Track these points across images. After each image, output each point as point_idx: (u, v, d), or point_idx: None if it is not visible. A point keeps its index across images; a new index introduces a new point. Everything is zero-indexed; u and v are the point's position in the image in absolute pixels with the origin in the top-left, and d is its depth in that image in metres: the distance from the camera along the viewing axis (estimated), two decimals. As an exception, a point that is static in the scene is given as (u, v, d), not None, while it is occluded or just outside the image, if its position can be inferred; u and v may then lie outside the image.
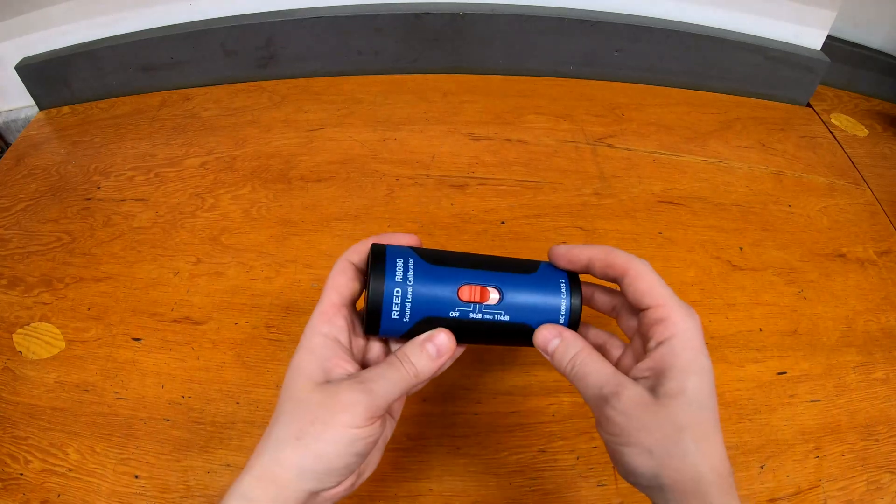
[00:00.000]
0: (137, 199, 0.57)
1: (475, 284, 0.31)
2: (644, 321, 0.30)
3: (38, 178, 0.60)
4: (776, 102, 0.73)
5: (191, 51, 0.67)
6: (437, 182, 0.58)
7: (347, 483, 0.28)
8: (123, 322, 0.47)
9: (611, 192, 0.58)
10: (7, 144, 0.71)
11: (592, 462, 0.40)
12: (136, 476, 0.39)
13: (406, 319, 0.30)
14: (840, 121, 0.72)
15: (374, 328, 0.30)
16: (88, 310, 0.48)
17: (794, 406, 0.44)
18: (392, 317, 0.29)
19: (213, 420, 0.41)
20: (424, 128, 0.65)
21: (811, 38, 0.70)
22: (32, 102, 0.69)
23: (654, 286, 0.30)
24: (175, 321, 0.47)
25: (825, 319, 0.50)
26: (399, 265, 0.30)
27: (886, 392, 0.45)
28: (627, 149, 0.63)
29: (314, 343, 0.29)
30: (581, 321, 0.33)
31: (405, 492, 0.39)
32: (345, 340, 0.30)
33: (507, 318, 0.31)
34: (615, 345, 0.34)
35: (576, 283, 0.32)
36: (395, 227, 0.54)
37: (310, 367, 0.28)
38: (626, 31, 0.68)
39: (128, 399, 0.42)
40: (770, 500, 0.39)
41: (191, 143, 0.63)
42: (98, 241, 0.53)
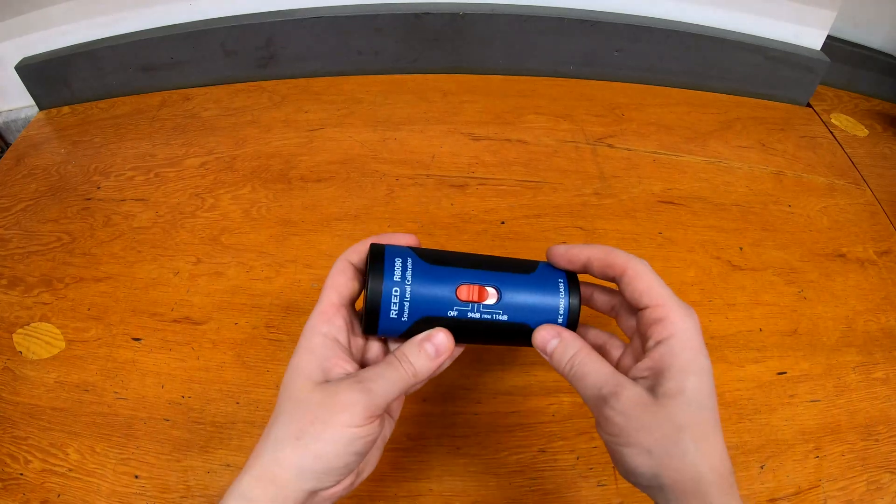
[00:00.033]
0: (137, 199, 0.57)
1: (473, 284, 0.31)
2: (642, 321, 0.30)
3: (38, 178, 0.60)
4: (776, 102, 0.73)
5: (191, 51, 0.67)
6: (437, 182, 0.58)
7: (346, 482, 0.28)
8: (123, 322, 0.47)
9: (611, 192, 0.58)
10: (7, 144, 0.71)
11: (592, 462, 0.40)
12: (136, 476, 0.39)
13: (404, 319, 0.30)
14: (840, 121, 0.72)
15: (373, 328, 0.30)
16: (88, 310, 0.48)
17: (794, 406, 0.44)
18: (390, 316, 0.30)
19: (213, 420, 0.41)
20: (424, 128, 0.65)
21: (811, 38, 0.70)
22: (32, 102, 0.69)
23: (653, 286, 0.29)
24: (175, 321, 0.47)
25: (825, 319, 0.50)
26: (397, 265, 0.30)
27: (886, 392, 0.45)
28: (627, 149, 0.63)
29: (313, 343, 0.29)
30: (581, 321, 0.33)
31: (405, 492, 0.39)
32: (344, 340, 0.30)
33: (506, 318, 0.31)
34: (615, 345, 0.33)
35: (574, 284, 0.32)
36: (395, 227, 0.54)
37: (309, 367, 0.28)
38: (626, 31, 0.68)
39: (128, 399, 0.42)
40: (770, 500, 0.39)
41: (191, 143, 0.63)
42: (98, 241, 0.53)
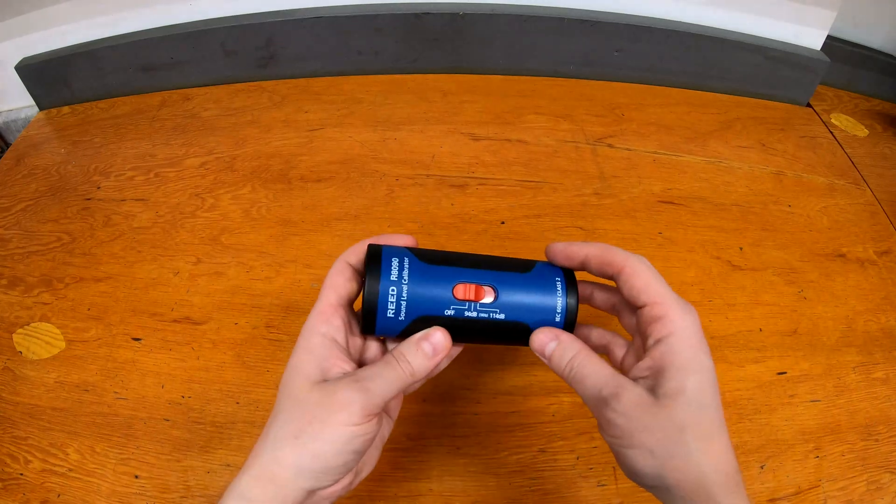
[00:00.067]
0: (137, 199, 0.57)
1: (470, 283, 0.31)
2: (641, 319, 0.30)
3: (38, 178, 0.60)
4: (776, 102, 0.73)
5: (191, 51, 0.67)
6: (437, 182, 0.58)
7: (345, 482, 0.28)
8: (123, 322, 0.47)
9: (611, 192, 0.58)
10: (7, 144, 0.71)
11: (592, 462, 0.40)
12: (136, 476, 0.39)
13: (401, 318, 0.30)
14: (840, 121, 0.72)
15: (371, 327, 0.30)
16: (88, 310, 0.48)
17: (794, 406, 0.44)
18: (388, 315, 0.30)
19: (213, 420, 0.41)
20: (424, 128, 0.65)
21: (811, 38, 0.70)
22: (32, 102, 0.69)
23: (650, 283, 0.29)
24: (175, 321, 0.47)
25: (825, 319, 0.50)
26: (394, 264, 0.30)
27: (886, 392, 0.45)
28: (627, 149, 0.63)
29: (312, 343, 0.29)
30: (583, 320, 0.33)
31: (405, 492, 0.39)
32: (342, 340, 0.30)
33: (503, 317, 0.31)
34: (619, 344, 0.33)
35: (572, 282, 0.32)
36: (395, 227, 0.54)
37: (308, 367, 0.28)
38: (626, 31, 0.68)
39: (128, 399, 0.42)
40: (770, 500, 0.39)
41: (191, 143, 0.63)
42: (98, 241, 0.53)
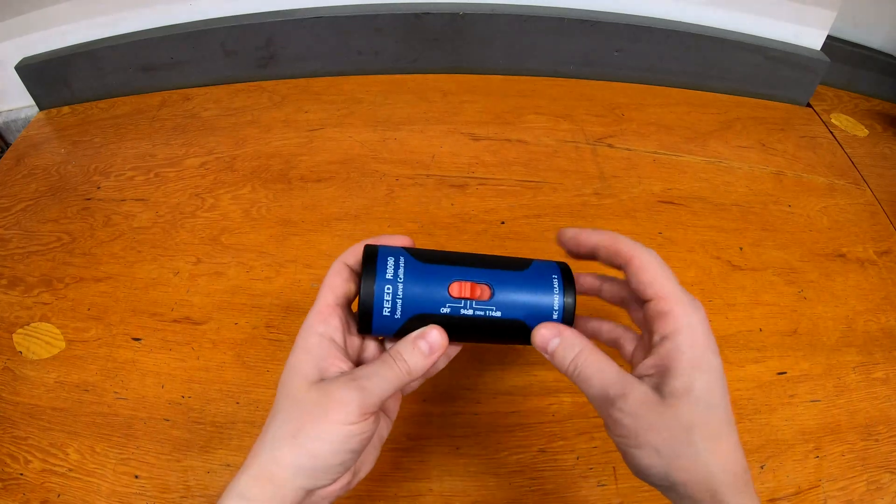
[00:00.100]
0: (137, 199, 0.57)
1: (465, 281, 0.31)
2: (647, 314, 0.29)
3: (38, 178, 0.60)
4: (776, 102, 0.73)
5: (191, 51, 0.67)
6: (437, 182, 0.58)
7: (343, 481, 0.28)
8: (123, 322, 0.47)
9: (611, 192, 0.58)
10: (7, 144, 0.71)
11: (592, 462, 0.40)
12: (136, 476, 0.39)
13: (397, 316, 0.30)
14: (840, 121, 0.72)
15: (367, 326, 0.30)
16: (88, 310, 0.48)
17: (794, 406, 0.44)
18: (383, 314, 0.30)
19: (213, 420, 0.41)
20: (424, 128, 0.65)
21: (811, 38, 0.70)
22: (32, 102, 0.69)
23: (658, 277, 0.29)
24: (175, 321, 0.47)
25: (825, 319, 0.50)
26: (390, 263, 0.30)
27: (886, 392, 0.45)
28: (627, 149, 0.63)
29: (310, 343, 0.29)
30: (595, 317, 0.33)
31: (405, 492, 0.39)
32: (340, 340, 0.30)
33: (499, 315, 0.31)
34: (629, 338, 0.33)
35: (569, 280, 0.32)
36: (395, 227, 0.54)
37: (306, 367, 0.28)
38: (626, 31, 0.68)
39: (128, 399, 0.42)
40: (770, 500, 0.39)
41: (191, 143, 0.63)
42: (98, 241, 0.53)
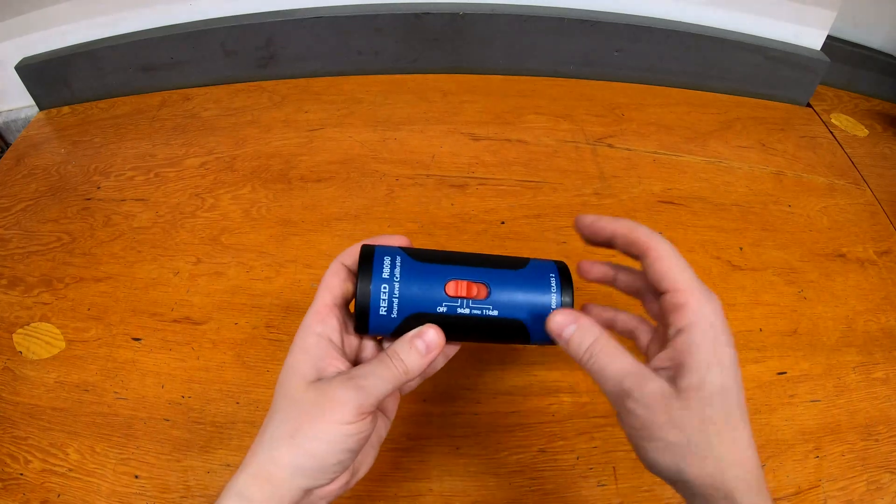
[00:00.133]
0: (137, 199, 0.57)
1: (461, 280, 0.31)
2: (663, 306, 0.29)
3: (38, 178, 0.60)
4: (776, 102, 0.73)
5: (191, 51, 0.67)
6: (437, 182, 0.58)
7: (342, 481, 0.28)
8: (123, 322, 0.47)
9: (611, 192, 0.58)
10: (7, 144, 0.71)
11: (592, 462, 0.40)
12: (136, 476, 0.39)
13: (394, 316, 0.30)
14: (840, 121, 0.72)
15: (364, 326, 0.30)
16: (88, 310, 0.48)
17: (794, 406, 0.44)
18: (380, 313, 0.30)
19: (213, 420, 0.41)
20: (424, 128, 0.65)
21: (811, 38, 0.70)
22: (32, 102, 0.69)
23: (673, 268, 0.28)
24: (175, 321, 0.47)
25: (825, 319, 0.50)
26: (386, 263, 0.30)
27: (886, 392, 0.45)
28: (627, 149, 0.63)
29: (307, 343, 0.29)
30: (610, 306, 0.32)
31: (405, 492, 0.39)
32: (337, 340, 0.30)
33: (496, 314, 0.31)
34: (644, 330, 0.33)
35: (566, 279, 0.32)
36: (395, 227, 0.54)
37: (303, 367, 0.28)
38: (626, 31, 0.68)
39: (128, 399, 0.42)
40: (770, 500, 0.39)
41: (191, 143, 0.63)
42: (98, 241, 0.53)
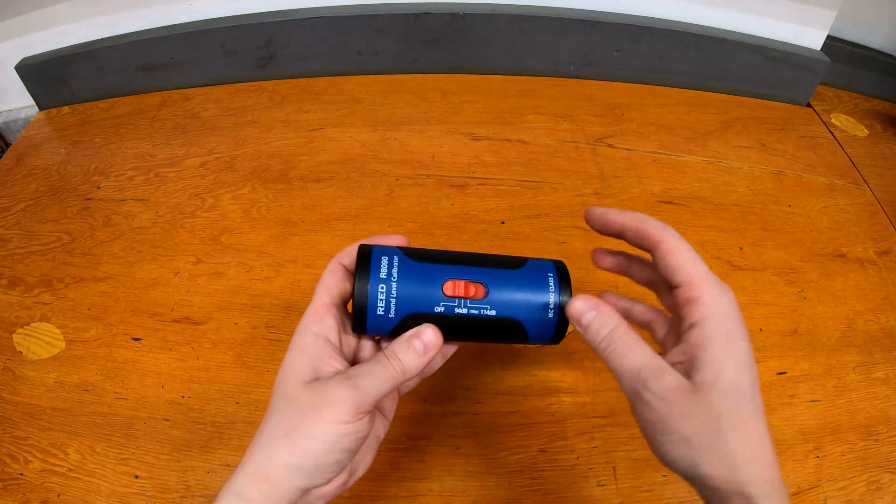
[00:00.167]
0: (137, 199, 0.57)
1: (459, 280, 0.31)
2: (676, 300, 0.29)
3: (38, 178, 0.60)
4: (776, 102, 0.73)
5: (191, 51, 0.67)
6: (437, 182, 0.58)
7: (339, 481, 0.28)
8: (123, 322, 0.47)
9: (611, 192, 0.58)
10: (7, 144, 0.71)
11: (592, 462, 0.40)
12: (136, 476, 0.39)
13: (391, 315, 0.30)
14: (840, 121, 0.72)
15: (361, 326, 0.30)
16: (88, 310, 0.48)
17: (794, 406, 0.44)
18: (377, 313, 0.30)
19: (213, 420, 0.41)
20: (424, 128, 0.65)
21: (811, 38, 0.70)
22: (32, 102, 0.69)
23: (686, 262, 0.28)
24: (175, 321, 0.47)
25: (825, 319, 0.50)
26: (384, 263, 0.30)
27: (886, 392, 0.45)
28: (627, 149, 0.63)
29: (305, 342, 0.29)
30: (626, 296, 0.33)
31: (405, 492, 0.39)
32: (335, 339, 0.30)
33: (494, 313, 0.31)
34: (661, 322, 0.32)
35: (565, 278, 0.32)
36: (395, 227, 0.54)
37: (301, 366, 0.28)
38: (626, 31, 0.68)
39: (128, 399, 0.42)
40: (770, 500, 0.39)
41: (191, 143, 0.63)
42: (98, 241, 0.53)
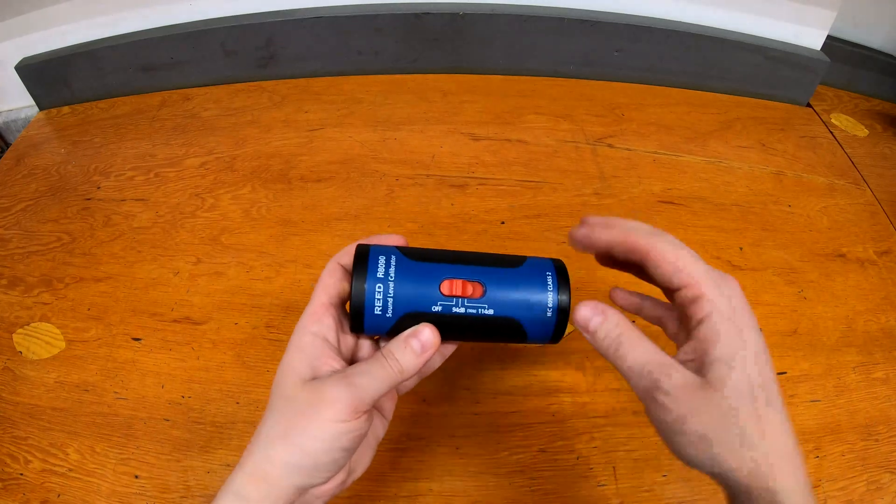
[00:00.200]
0: (137, 199, 0.57)
1: (456, 279, 0.31)
2: (679, 302, 0.28)
3: (38, 178, 0.60)
4: (776, 102, 0.73)
5: (191, 51, 0.67)
6: (437, 182, 0.58)
7: (337, 480, 0.28)
8: (123, 322, 0.47)
9: (611, 192, 0.58)
10: (7, 144, 0.71)
11: (592, 462, 0.40)
12: (136, 476, 0.39)
13: (389, 315, 0.30)
14: (840, 121, 0.72)
15: (359, 325, 0.30)
16: (88, 310, 0.48)
17: (794, 406, 0.44)
18: (375, 313, 0.30)
19: (213, 420, 0.41)
20: (424, 128, 0.65)
21: (811, 38, 0.70)
22: (32, 102, 0.69)
23: (682, 264, 0.28)
24: (175, 321, 0.47)
25: (825, 319, 0.50)
26: (381, 262, 0.30)
27: (886, 392, 0.45)
28: (627, 149, 0.63)
29: (303, 342, 0.29)
30: (636, 292, 0.32)
31: (405, 492, 0.39)
32: (333, 339, 0.30)
33: (492, 312, 0.31)
34: (672, 318, 0.32)
35: (563, 277, 0.32)
36: (395, 227, 0.54)
37: (299, 366, 0.28)
38: (626, 31, 0.68)
39: (128, 399, 0.42)
40: (770, 500, 0.39)
41: (191, 143, 0.63)
42: (98, 241, 0.53)
